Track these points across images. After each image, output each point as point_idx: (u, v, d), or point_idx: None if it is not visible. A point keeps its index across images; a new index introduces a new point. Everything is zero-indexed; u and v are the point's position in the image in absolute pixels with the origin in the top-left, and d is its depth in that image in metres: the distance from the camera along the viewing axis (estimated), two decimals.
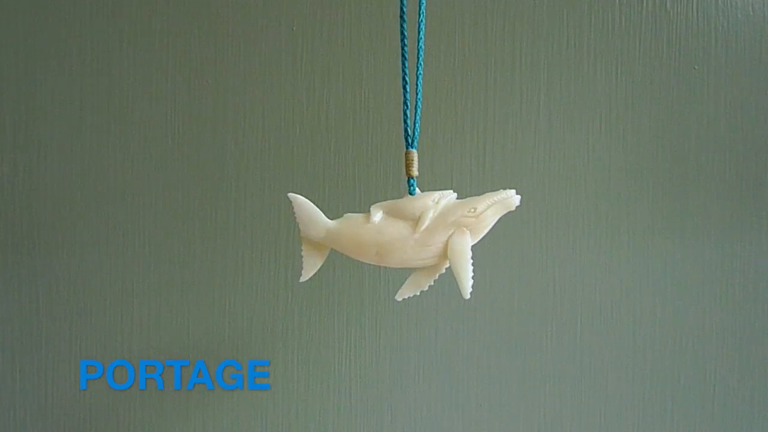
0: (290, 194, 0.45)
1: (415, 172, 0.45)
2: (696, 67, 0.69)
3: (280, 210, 0.69)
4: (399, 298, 0.44)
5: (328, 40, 0.69)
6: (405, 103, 0.44)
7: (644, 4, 0.69)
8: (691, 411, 0.70)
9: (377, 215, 0.44)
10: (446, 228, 0.43)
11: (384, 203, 0.45)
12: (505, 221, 0.69)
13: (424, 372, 0.70)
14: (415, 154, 0.45)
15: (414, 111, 0.44)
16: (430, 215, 0.43)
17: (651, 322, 0.70)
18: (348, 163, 0.69)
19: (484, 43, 0.69)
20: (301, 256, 0.44)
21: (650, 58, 0.69)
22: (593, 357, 0.70)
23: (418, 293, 0.44)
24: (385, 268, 0.51)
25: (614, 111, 0.69)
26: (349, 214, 0.45)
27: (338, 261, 0.69)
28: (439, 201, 0.43)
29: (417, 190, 0.45)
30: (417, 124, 0.44)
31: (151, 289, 0.70)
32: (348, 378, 0.70)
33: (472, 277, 0.43)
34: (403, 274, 0.69)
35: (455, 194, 0.44)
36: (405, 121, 0.44)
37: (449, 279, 0.69)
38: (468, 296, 0.42)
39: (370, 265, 0.48)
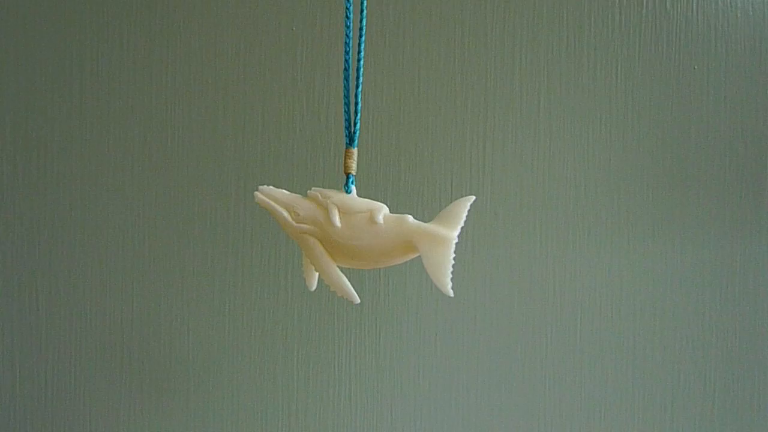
0: (472, 196, 0.44)
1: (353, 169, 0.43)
2: (696, 67, 0.69)
3: None
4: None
5: (328, 40, 0.69)
6: (345, 99, 0.43)
7: (644, 4, 0.69)
8: (691, 411, 0.70)
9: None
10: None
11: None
12: (506, 221, 0.70)
13: (424, 372, 0.70)
14: (355, 152, 0.43)
15: (354, 107, 0.43)
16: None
17: (651, 322, 0.70)
18: None
19: (484, 44, 0.69)
20: (452, 263, 0.43)
21: (650, 58, 0.69)
22: (593, 357, 0.70)
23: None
24: (386, 269, 0.51)
25: (614, 111, 0.69)
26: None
27: None
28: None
29: (353, 188, 0.44)
30: (357, 121, 0.43)
31: (150, 289, 0.70)
32: (348, 378, 0.70)
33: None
34: (402, 274, 0.70)
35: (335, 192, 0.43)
36: (347, 119, 0.43)
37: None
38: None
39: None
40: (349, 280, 0.45)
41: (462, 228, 0.42)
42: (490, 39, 0.69)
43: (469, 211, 0.42)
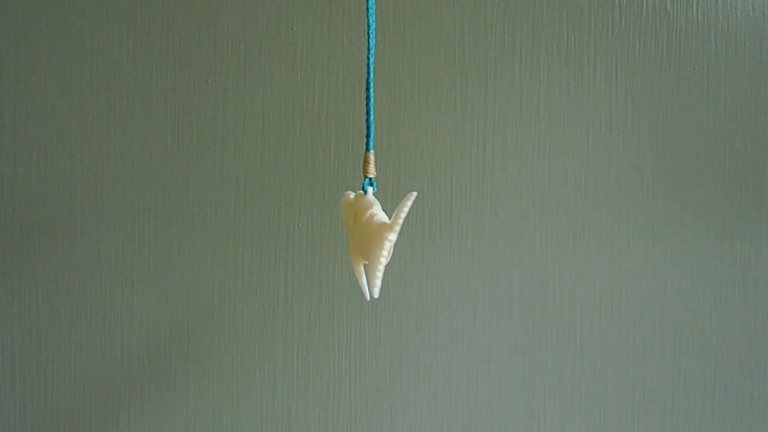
0: (414, 193, 0.45)
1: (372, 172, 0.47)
2: (696, 67, 0.69)
3: (280, 210, 0.69)
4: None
5: (328, 40, 0.69)
6: (368, 109, 0.46)
7: (644, 4, 0.69)
8: (691, 411, 0.70)
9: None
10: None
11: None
12: (506, 221, 0.70)
13: (424, 372, 0.70)
14: (369, 155, 0.47)
15: (367, 114, 0.46)
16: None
17: (651, 322, 0.70)
18: (348, 163, 0.69)
19: (484, 44, 0.69)
20: (382, 265, 0.43)
21: (650, 58, 0.69)
22: (593, 357, 0.70)
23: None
24: (386, 268, 0.51)
25: (614, 111, 0.69)
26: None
27: (338, 261, 0.69)
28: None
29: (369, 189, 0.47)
30: (371, 127, 0.46)
31: (150, 289, 0.70)
32: (348, 378, 0.70)
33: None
34: (402, 274, 0.70)
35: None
36: (368, 126, 0.47)
37: (448, 279, 0.70)
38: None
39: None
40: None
41: (400, 226, 0.42)
42: (490, 39, 0.69)
43: (411, 208, 0.43)
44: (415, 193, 0.43)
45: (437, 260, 0.70)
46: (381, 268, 0.42)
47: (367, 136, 0.47)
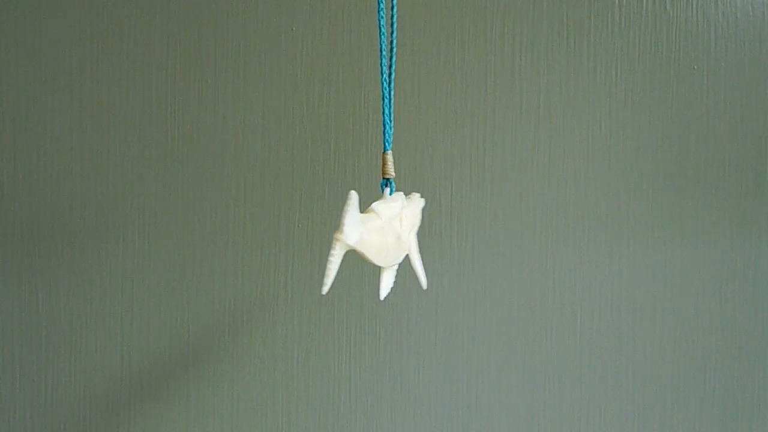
0: (352, 191, 0.44)
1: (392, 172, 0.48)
2: (696, 67, 0.69)
3: (280, 210, 0.69)
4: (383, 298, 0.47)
5: (328, 40, 0.69)
6: (384, 108, 0.47)
7: (644, 4, 0.69)
8: (691, 411, 0.70)
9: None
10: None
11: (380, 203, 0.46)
12: (505, 221, 0.70)
13: (424, 372, 0.70)
14: (385, 156, 0.47)
15: (384, 113, 0.47)
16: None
17: (651, 322, 0.70)
18: (348, 163, 0.69)
19: (484, 44, 0.69)
20: (329, 263, 0.42)
21: (650, 58, 0.69)
22: (593, 357, 0.70)
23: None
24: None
25: (614, 111, 0.69)
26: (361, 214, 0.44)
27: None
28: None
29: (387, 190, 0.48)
30: (389, 126, 0.47)
31: (150, 290, 0.70)
32: (348, 378, 0.70)
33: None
34: (402, 275, 0.69)
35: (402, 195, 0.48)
36: (385, 125, 0.47)
37: (448, 279, 0.70)
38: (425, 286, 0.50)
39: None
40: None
41: (345, 229, 0.41)
42: (490, 39, 0.69)
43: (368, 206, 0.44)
44: (353, 192, 0.42)
45: (437, 260, 0.70)
46: (331, 266, 0.41)
47: (384, 136, 0.47)
